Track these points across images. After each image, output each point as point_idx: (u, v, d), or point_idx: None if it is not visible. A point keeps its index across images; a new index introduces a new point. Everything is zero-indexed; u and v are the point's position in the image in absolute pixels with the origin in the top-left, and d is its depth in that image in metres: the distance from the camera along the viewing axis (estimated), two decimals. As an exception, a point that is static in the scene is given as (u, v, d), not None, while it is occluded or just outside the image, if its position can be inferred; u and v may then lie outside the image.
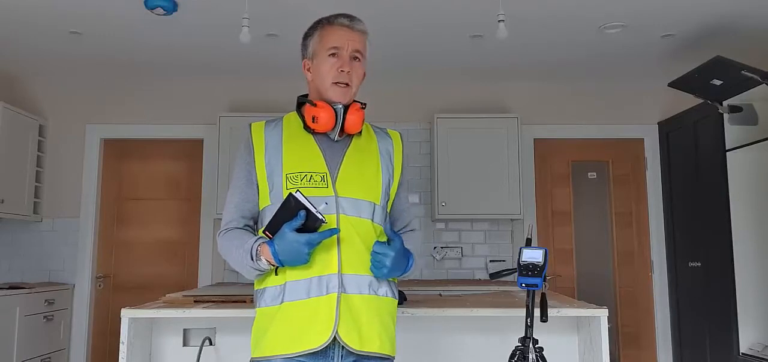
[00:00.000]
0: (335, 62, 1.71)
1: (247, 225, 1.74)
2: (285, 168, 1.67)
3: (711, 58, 3.48)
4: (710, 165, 3.97)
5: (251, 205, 1.72)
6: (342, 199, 1.64)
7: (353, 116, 1.71)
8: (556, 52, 4.19)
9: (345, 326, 1.59)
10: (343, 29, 1.74)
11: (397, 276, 1.70)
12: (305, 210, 1.54)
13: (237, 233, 1.70)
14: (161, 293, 2.77)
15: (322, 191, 1.63)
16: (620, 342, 4.76)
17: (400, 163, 1.82)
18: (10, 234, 4.70)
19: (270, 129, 1.74)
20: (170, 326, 2.40)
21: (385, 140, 1.83)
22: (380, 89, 4.82)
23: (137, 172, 4.89)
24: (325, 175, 1.66)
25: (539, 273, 1.78)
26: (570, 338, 2.46)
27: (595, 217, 4.90)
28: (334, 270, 1.60)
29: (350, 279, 1.62)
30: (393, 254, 1.62)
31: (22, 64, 4.49)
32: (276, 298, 1.62)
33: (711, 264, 4.00)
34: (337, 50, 1.71)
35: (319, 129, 1.69)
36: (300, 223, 1.54)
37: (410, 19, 3.63)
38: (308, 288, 1.60)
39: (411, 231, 1.85)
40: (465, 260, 4.80)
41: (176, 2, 3.36)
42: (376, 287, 1.66)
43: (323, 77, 1.71)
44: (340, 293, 1.60)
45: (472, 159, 4.50)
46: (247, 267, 1.64)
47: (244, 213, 1.73)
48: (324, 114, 1.67)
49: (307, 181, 1.64)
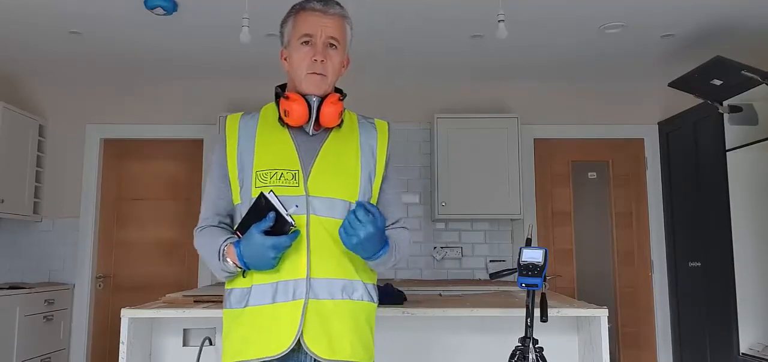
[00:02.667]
0: (308, 51, 1.58)
1: (222, 222, 1.66)
2: (256, 165, 1.57)
3: (711, 58, 3.48)
4: (710, 165, 3.97)
5: (225, 202, 1.64)
6: (314, 198, 1.54)
7: (329, 108, 1.57)
8: (556, 52, 4.19)
9: (312, 333, 1.50)
10: (316, 14, 1.59)
11: (364, 255, 1.52)
12: (275, 213, 1.45)
13: (210, 231, 1.63)
14: (161, 293, 2.76)
15: (292, 190, 1.53)
16: (620, 342, 4.76)
17: (385, 156, 1.68)
18: (10, 234, 4.70)
19: (245, 121, 1.64)
20: (170, 326, 2.40)
21: (369, 132, 1.68)
22: (380, 89, 4.82)
23: (137, 172, 4.89)
24: (297, 172, 1.55)
25: (539, 273, 1.77)
26: (570, 338, 2.46)
27: (595, 217, 4.90)
28: (303, 275, 1.52)
29: (321, 283, 1.52)
30: (371, 229, 1.46)
31: (22, 64, 4.49)
32: (241, 301, 1.55)
33: (711, 264, 4.00)
34: (310, 38, 1.58)
35: (292, 122, 1.57)
36: (269, 225, 1.45)
37: (410, 19, 3.63)
38: (274, 293, 1.51)
39: (400, 229, 1.70)
40: (465, 260, 4.80)
41: (176, 2, 3.36)
42: (351, 291, 1.56)
43: (296, 67, 1.59)
44: (309, 299, 1.51)
45: (472, 159, 4.50)
46: (216, 267, 1.58)
47: (219, 210, 1.65)
48: (296, 107, 1.55)
49: (277, 179, 1.54)
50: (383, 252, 1.54)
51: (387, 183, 1.68)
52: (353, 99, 4.30)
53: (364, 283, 1.60)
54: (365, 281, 1.61)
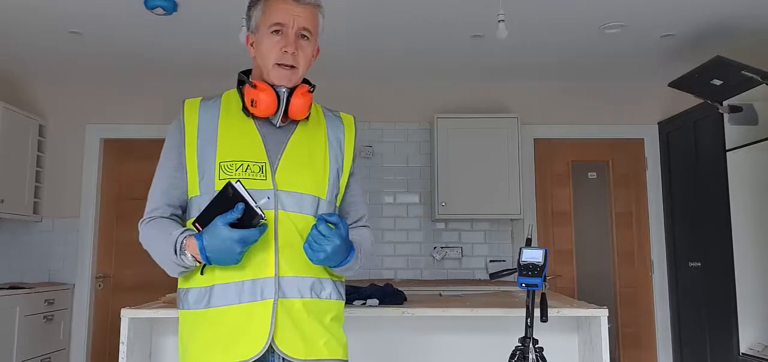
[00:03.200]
0: (279, 41, 1.50)
1: (173, 214, 1.55)
2: (219, 155, 1.48)
3: (711, 58, 3.48)
4: (710, 165, 3.97)
5: (179, 192, 1.54)
6: (282, 193, 1.47)
7: (299, 100, 1.51)
8: (556, 52, 4.19)
9: (284, 334, 1.43)
10: (288, 3, 1.51)
11: (331, 266, 1.49)
12: (244, 203, 1.36)
13: (161, 222, 1.52)
14: (161, 293, 2.76)
15: (259, 184, 1.45)
16: (620, 342, 4.76)
17: (352, 151, 1.63)
18: (10, 234, 4.70)
19: (205, 108, 1.56)
20: (170, 326, 2.40)
21: (336, 126, 1.63)
22: (380, 89, 4.82)
23: (137, 172, 4.89)
24: (263, 165, 1.48)
25: (539, 273, 1.78)
26: (570, 338, 2.46)
27: (595, 217, 4.90)
28: (271, 274, 1.44)
29: (290, 282, 1.45)
30: (338, 241, 1.41)
31: (22, 64, 4.49)
32: (200, 301, 1.46)
33: (711, 264, 4.00)
34: (281, 27, 1.50)
35: (259, 113, 1.50)
36: (236, 217, 1.35)
37: (410, 19, 3.63)
38: (240, 293, 1.43)
39: (362, 228, 1.65)
40: (465, 260, 4.80)
41: (176, 2, 3.36)
42: (319, 289, 1.50)
43: (265, 56, 1.51)
44: (278, 298, 1.43)
45: (472, 159, 4.50)
46: (170, 262, 1.46)
47: (172, 201, 1.54)
48: (264, 97, 1.48)
49: (243, 171, 1.46)
50: (349, 259, 1.50)
51: (353, 178, 1.65)
52: (353, 99, 4.30)
53: (333, 281, 1.55)
54: (334, 279, 1.56)
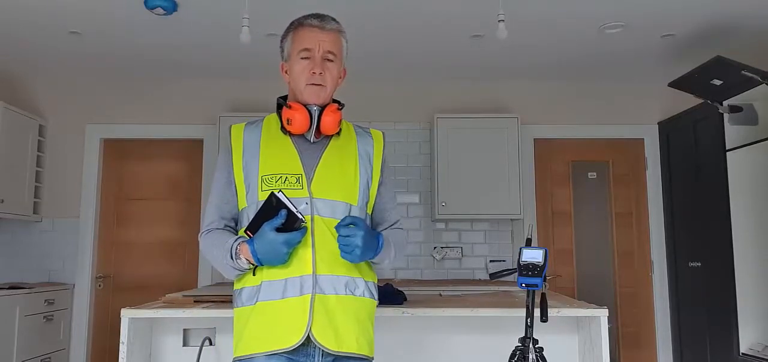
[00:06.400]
0: (307, 64, 1.70)
1: (227, 225, 1.76)
2: (261, 170, 1.69)
3: (711, 58, 3.48)
4: (710, 165, 3.97)
5: (230, 207, 1.74)
6: (317, 201, 1.66)
7: (329, 117, 1.71)
8: (556, 52, 4.19)
9: (320, 326, 1.60)
10: (314, 31, 1.72)
11: (369, 257, 1.67)
12: (286, 210, 1.56)
13: (218, 233, 1.72)
14: (161, 293, 2.76)
15: (297, 193, 1.65)
16: (620, 342, 4.76)
17: (380, 164, 1.82)
18: (10, 234, 4.70)
19: (249, 131, 1.77)
20: (170, 326, 2.40)
21: (366, 140, 1.82)
22: (380, 89, 4.82)
23: (137, 172, 4.89)
24: (300, 176, 1.67)
25: (539, 273, 1.78)
26: (570, 338, 2.46)
27: (595, 217, 4.90)
28: (309, 271, 1.62)
29: (325, 279, 1.63)
30: (362, 232, 1.60)
31: (22, 64, 4.49)
32: (251, 298, 1.64)
33: (711, 264, 4.00)
34: (309, 52, 1.71)
35: (294, 131, 1.70)
36: (280, 222, 1.56)
37: (410, 19, 3.63)
38: (283, 289, 1.61)
39: (397, 229, 1.84)
40: (465, 260, 4.80)
41: (176, 2, 3.36)
42: (353, 287, 1.67)
43: (297, 79, 1.72)
44: (315, 294, 1.61)
45: (472, 159, 4.50)
46: (227, 266, 1.66)
47: (224, 215, 1.75)
48: (298, 116, 1.68)
49: (282, 183, 1.65)
50: (381, 246, 1.69)
51: (384, 187, 1.83)
52: (354, 99, 4.30)
53: (366, 281, 1.71)
54: (367, 279, 1.72)
